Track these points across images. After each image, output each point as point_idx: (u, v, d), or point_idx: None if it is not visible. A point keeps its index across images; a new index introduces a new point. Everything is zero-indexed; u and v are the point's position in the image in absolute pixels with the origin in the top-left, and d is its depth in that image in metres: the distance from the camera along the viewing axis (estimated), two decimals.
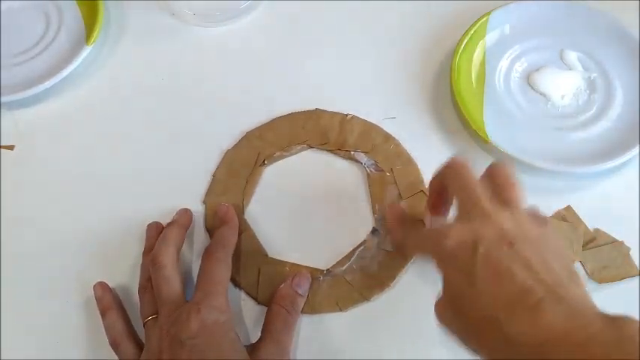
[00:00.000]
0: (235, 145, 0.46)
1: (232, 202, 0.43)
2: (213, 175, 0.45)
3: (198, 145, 0.46)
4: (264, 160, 0.45)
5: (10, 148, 0.47)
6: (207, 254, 0.38)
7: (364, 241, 0.41)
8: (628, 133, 0.44)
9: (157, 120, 0.48)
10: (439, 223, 0.38)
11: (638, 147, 0.43)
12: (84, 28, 0.52)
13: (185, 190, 0.44)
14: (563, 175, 0.43)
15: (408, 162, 0.44)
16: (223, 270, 0.37)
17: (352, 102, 0.47)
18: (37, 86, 0.48)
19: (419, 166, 0.44)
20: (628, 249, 0.40)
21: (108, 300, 0.39)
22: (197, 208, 0.43)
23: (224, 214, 0.41)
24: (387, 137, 0.46)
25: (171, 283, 0.37)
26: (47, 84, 0.48)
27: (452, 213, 0.37)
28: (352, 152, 0.45)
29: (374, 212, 0.43)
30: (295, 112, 0.47)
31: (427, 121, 0.47)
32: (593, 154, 0.43)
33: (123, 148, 0.47)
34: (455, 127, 0.46)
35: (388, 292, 0.40)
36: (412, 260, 0.41)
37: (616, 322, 0.26)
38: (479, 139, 0.44)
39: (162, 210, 0.43)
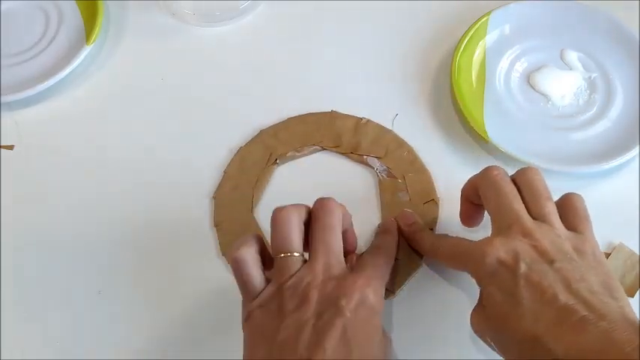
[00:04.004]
0: (249, 142, 0.46)
1: (242, 199, 0.43)
2: (225, 172, 0.45)
3: (201, 144, 0.46)
4: (276, 160, 0.45)
5: (10, 148, 0.47)
6: (377, 249, 0.38)
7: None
8: (628, 133, 0.44)
9: (158, 119, 0.48)
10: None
11: (638, 147, 0.43)
12: (84, 28, 0.52)
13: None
14: (563, 175, 0.43)
15: (421, 170, 0.44)
16: (389, 268, 0.37)
17: (352, 101, 0.47)
18: (37, 86, 0.48)
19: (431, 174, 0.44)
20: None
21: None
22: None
23: (391, 225, 0.40)
24: (401, 143, 0.45)
25: (337, 238, 0.34)
26: (47, 84, 0.48)
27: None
28: (365, 157, 0.45)
29: (383, 218, 0.42)
30: (310, 113, 0.47)
31: (427, 121, 0.47)
32: (593, 154, 0.43)
33: (123, 147, 0.47)
34: (455, 127, 0.46)
35: (391, 299, 0.40)
36: (418, 269, 0.40)
37: None
38: (479, 139, 0.44)
39: (167, 208, 0.43)
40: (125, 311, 0.40)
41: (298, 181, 0.45)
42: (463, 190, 0.37)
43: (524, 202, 0.33)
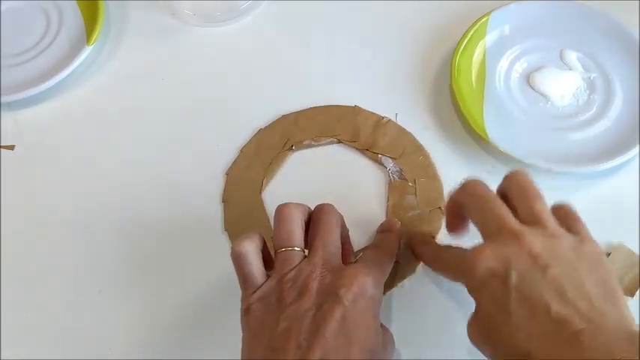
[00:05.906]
0: (269, 125, 0.46)
1: (253, 180, 0.44)
2: (241, 150, 0.45)
3: (200, 147, 0.46)
4: (292, 146, 0.45)
5: (10, 148, 0.47)
6: (377, 247, 0.38)
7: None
8: (628, 133, 0.44)
9: (159, 120, 0.48)
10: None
11: (638, 147, 0.43)
12: (84, 28, 0.52)
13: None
14: (563, 175, 0.43)
15: (433, 176, 0.44)
16: (389, 264, 0.37)
17: (352, 101, 0.47)
18: (37, 86, 0.48)
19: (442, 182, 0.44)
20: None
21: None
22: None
23: (393, 224, 0.40)
24: (418, 147, 0.45)
25: (336, 236, 0.35)
26: (47, 84, 0.48)
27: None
28: (380, 155, 0.45)
29: (387, 218, 0.42)
30: (334, 105, 0.47)
31: (427, 121, 0.47)
32: (593, 154, 0.43)
33: (123, 147, 0.47)
34: (455, 127, 0.46)
35: (389, 295, 0.40)
36: (415, 271, 0.41)
37: None
38: (479, 139, 0.44)
39: (170, 208, 0.43)
40: (126, 310, 0.40)
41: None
42: (447, 206, 0.37)
43: (513, 205, 0.32)
